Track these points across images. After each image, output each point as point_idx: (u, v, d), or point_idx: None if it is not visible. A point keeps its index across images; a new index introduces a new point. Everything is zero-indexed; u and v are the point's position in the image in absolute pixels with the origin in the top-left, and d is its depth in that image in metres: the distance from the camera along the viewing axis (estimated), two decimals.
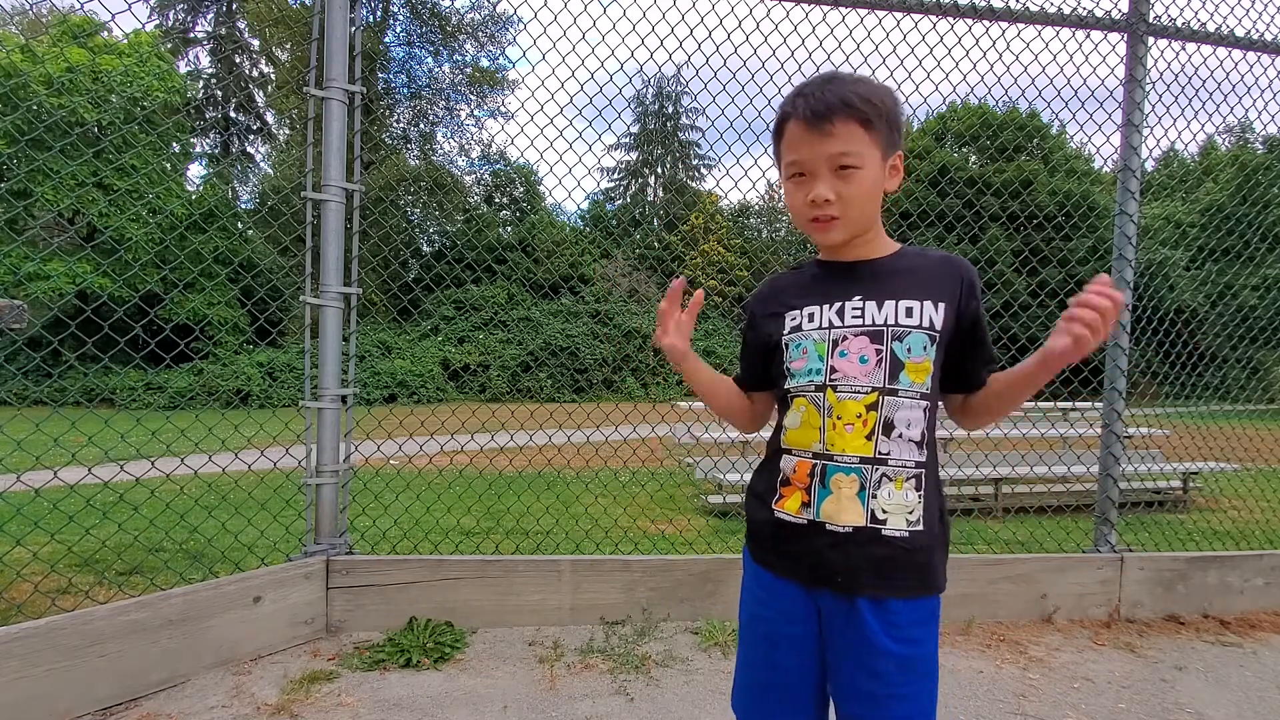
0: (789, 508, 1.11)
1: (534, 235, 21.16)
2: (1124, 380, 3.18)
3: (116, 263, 14.06)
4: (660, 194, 31.33)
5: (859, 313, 1.09)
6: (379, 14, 23.16)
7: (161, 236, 14.55)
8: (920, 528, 1.05)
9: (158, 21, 24.89)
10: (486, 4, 23.44)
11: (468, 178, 24.16)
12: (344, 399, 2.68)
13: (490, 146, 24.18)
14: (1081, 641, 2.80)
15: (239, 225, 18.82)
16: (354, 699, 2.17)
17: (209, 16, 26.77)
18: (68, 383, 15.49)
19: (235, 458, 3.31)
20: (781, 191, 1.18)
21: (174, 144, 18.27)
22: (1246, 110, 3.67)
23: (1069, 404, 6.68)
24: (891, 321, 1.06)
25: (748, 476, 1.29)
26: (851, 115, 1.03)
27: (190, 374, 16.58)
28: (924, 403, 1.06)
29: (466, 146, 24.79)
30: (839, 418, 1.06)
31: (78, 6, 3.19)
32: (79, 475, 2.77)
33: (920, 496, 1.06)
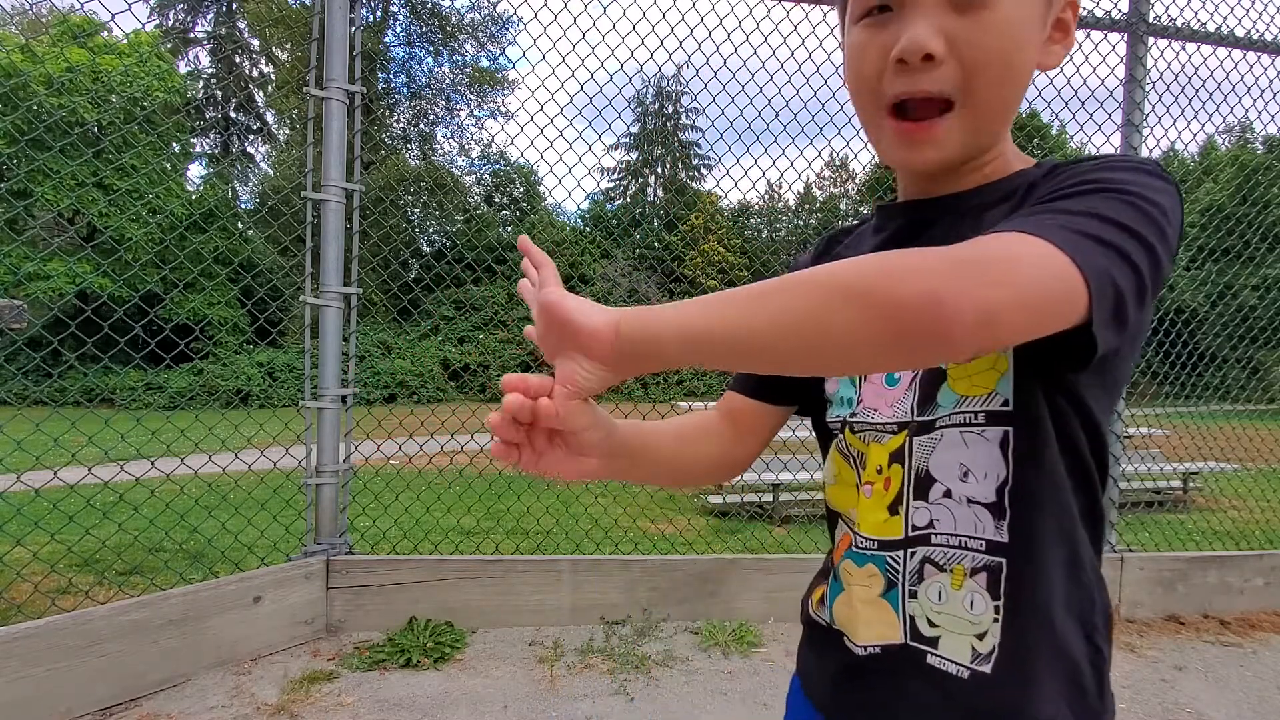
0: (815, 599, 0.73)
1: (534, 235, 21.11)
2: None
3: (116, 263, 14.03)
4: (660, 194, 31.33)
5: None
6: (379, 14, 23.18)
7: (161, 236, 14.53)
8: (1003, 667, 0.55)
9: (158, 21, 24.92)
10: (486, 4, 23.50)
11: (468, 178, 24.17)
12: (344, 399, 2.69)
13: (490, 146, 24.22)
14: None
15: (239, 225, 18.82)
16: (354, 699, 2.17)
17: (209, 16, 26.80)
18: (68, 383, 15.49)
19: (235, 458, 3.30)
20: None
21: (174, 144, 18.29)
22: (1246, 110, 3.66)
23: None
24: None
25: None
26: None
27: (190, 374, 16.58)
28: (1001, 429, 0.56)
29: (466, 146, 24.87)
30: (862, 470, 0.66)
31: (78, 6, 3.19)
32: (79, 475, 2.77)
33: (998, 607, 0.56)
